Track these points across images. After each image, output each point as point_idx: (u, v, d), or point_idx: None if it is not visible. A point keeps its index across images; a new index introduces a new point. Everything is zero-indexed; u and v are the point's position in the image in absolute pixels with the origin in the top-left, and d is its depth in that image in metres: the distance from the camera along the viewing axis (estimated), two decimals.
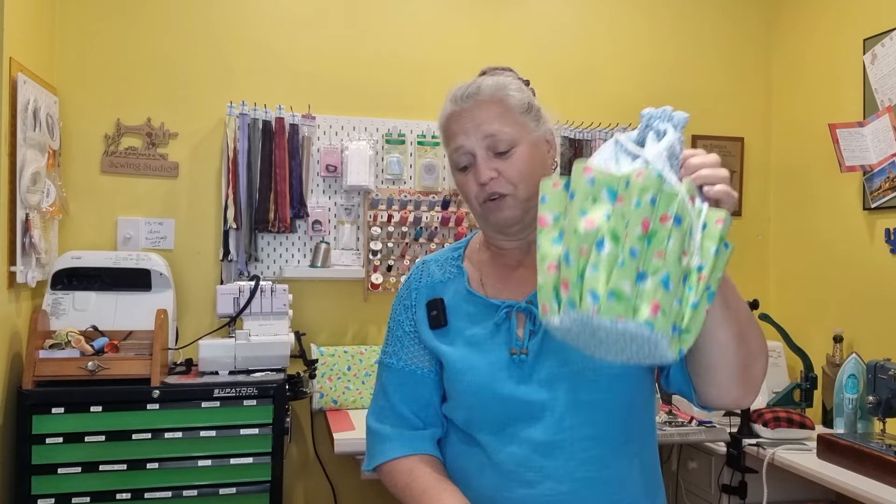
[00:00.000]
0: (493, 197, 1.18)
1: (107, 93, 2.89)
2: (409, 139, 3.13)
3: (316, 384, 2.86)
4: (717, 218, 0.87)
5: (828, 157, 3.01)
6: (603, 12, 3.38)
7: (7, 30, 2.35)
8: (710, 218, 0.87)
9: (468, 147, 1.19)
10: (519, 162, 1.18)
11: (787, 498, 2.63)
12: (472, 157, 1.19)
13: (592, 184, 0.88)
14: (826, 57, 3.17)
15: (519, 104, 1.20)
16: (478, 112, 1.19)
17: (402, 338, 1.30)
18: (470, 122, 1.19)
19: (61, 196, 2.66)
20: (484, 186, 1.18)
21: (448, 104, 1.23)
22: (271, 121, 2.93)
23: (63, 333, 2.42)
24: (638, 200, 0.85)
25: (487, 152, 1.18)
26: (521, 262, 1.25)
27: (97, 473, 2.33)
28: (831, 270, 3.10)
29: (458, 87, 1.23)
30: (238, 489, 2.41)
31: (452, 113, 1.22)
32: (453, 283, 1.28)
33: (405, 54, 3.16)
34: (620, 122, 3.24)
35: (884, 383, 2.33)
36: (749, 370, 1.08)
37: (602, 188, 0.88)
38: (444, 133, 1.24)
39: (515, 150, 1.18)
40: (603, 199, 0.87)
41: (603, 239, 0.85)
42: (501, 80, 1.22)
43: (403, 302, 1.32)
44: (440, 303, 1.25)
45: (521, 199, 1.18)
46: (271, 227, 2.90)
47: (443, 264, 1.32)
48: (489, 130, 1.17)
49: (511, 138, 1.18)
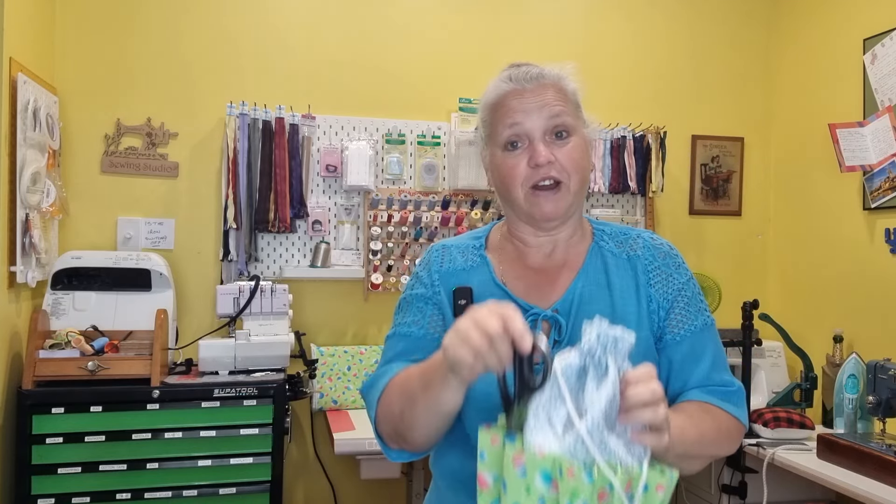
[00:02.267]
0: (544, 183, 1.12)
1: (107, 93, 2.89)
2: (409, 139, 3.13)
3: (316, 384, 2.86)
4: (658, 484, 0.85)
5: (828, 157, 3.01)
6: (603, 13, 3.37)
7: (7, 30, 2.35)
8: (651, 481, 0.85)
9: (527, 126, 1.12)
10: (574, 151, 1.13)
11: (787, 498, 2.63)
12: (526, 139, 1.13)
13: (524, 474, 0.84)
14: (826, 57, 3.17)
15: (574, 95, 1.17)
16: (543, 93, 1.13)
17: (423, 308, 1.18)
18: (534, 101, 1.12)
19: (61, 196, 2.66)
20: (538, 169, 1.11)
21: (505, 82, 1.15)
22: (271, 121, 2.93)
23: (63, 333, 2.42)
24: (569, 502, 0.83)
25: (545, 136, 1.12)
26: (543, 264, 1.19)
27: (97, 473, 2.33)
28: (831, 270, 3.10)
29: (516, 68, 1.16)
30: (238, 489, 2.41)
31: (512, 90, 1.14)
32: (478, 273, 1.19)
33: (405, 54, 3.16)
34: (620, 122, 3.24)
35: (884, 383, 2.33)
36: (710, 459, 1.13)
37: (535, 473, 0.84)
38: (496, 111, 1.15)
39: (571, 139, 1.13)
40: (536, 486, 0.84)
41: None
42: (562, 71, 1.17)
43: (423, 281, 1.21)
44: (469, 292, 1.15)
45: (573, 191, 1.13)
46: (271, 227, 2.90)
47: (464, 251, 1.22)
48: (554, 111, 1.12)
49: (570, 126, 1.14)
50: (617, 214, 3.28)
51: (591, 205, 3.29)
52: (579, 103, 1.18)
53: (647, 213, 3.28)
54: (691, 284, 1.19)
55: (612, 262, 1.18)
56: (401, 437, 1.09)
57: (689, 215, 3.44)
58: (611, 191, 3.22)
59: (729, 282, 3.28)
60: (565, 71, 1.18)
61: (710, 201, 3.46)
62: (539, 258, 1.20)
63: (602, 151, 3.21)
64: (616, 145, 3.22)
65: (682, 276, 1.18)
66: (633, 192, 3.24)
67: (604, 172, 3.21)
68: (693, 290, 1.18)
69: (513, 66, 1.18)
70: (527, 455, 0.84)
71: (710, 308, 1.22)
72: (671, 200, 3.39)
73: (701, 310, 1.17)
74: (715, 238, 3.46)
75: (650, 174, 3.23)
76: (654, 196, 3.28)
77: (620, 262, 1.18)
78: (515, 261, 1.21)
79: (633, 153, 3.23)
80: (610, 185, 3.21)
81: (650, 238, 1.21)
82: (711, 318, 1.19)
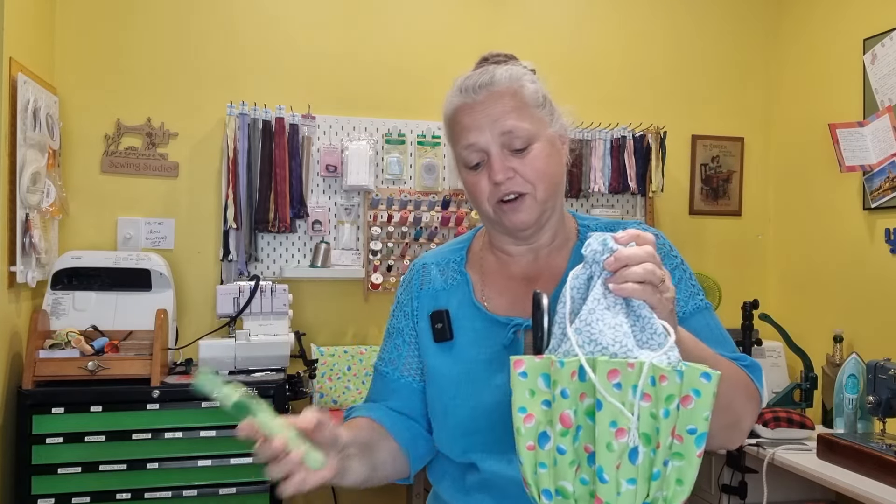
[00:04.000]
0: (508, 197, 1.08)
1: (107, 93, 2.89)
2: (409, 139, 3.13)
3: (316, 384, 2.86)
4: (661, 375, 0.80)
5: (828, 157, 3.01)
6: (603, 13, 3.38)
7: (7, 30, 2.35)
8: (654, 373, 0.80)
9: (482, 144, 1.08)
10: (536, 160, 1.08)
11: (787, 498, 2.63)
12: (484, 154, 1.08)
13: (525, 377, 0.85)
14: (826, 57, 3.17)
15: (534, 97, 1.10)
16: (492, 105, 1.08)
17: (400, 346, 1.20)
18: (484, 117, 1.08)
19: (61, 196, 2.66)
20: (499, 186, 1.07)
21: (456, 95, 1.11)
22: (271, 121, 2.93)
23: (63, 333, 2.42)
24: (563, 390, 0.82)
25: (503, 150, 1.07)
26: (525, 272, 1.17)
27: (97, 473, 2.33)
28: (831, 270, 3.10)
29: (467, 77, 1.12)
30: (238, 489, 2.41)
31: (462, 105, 1.10)
32: (457, 293, 1.17)
33: (405, 54, 3.16)
34: (620, 122, 3.24)
35: (884, 383, 2.33)
36: (735, 428, 1.03)
37: (537, 377, 0.85)
38: (452, 128, 1.12)
39: (532, 148, 1.08)
40: (540, 387, 0.85)
41: (545, 432, 0.84)
42: (515, 71, 1.12)
43: (404, 308, 1.22)
44: (445, 315, 1.14)
45: (540, 199, 1.09)
46: (271, 227, 2.90)
47: (444, 268, 1.21)
48: (506, 126, 1.07)
49: (528, 134, 1.08)
50: (617, 214, 3.28)
51: (592, 205, 3.30)
52: (541, 101, 1.12)
53: (647, 213, 3.28)
54: (682, 269, 1.15)
55: None
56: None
57: (689, 215, 3.44)
58: (611, 191, 3.22)
59: (729, 282, 3.28)
60: (519, 69, 1.13)
61: (710, 201, 3.46)
62: (521, 267, 1.17)
63: (602, 151, 3.21)
64: (616, 145, 3.22)
65: (670, 262, 1.13)
66: (633, 192, 3.24)
67: (604, 172, 3.21)
68: (683, 274, 1.14)
69: (477, 64, 1.16)
70: (526, 362, 0.85)
71: None
72: (671, 200, 3.39)
73: (693, 294, 1.13)
74: (715, 238, 3.46)
75: (650, 174, 3.23)
76: (654, 196, 3.28)
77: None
78: (498, 272, 1.18)
79: (633, 153, 3.23)
80: (610, 185, 3.21)
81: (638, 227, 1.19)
82: (707, 302, 1.15)
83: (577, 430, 0.82)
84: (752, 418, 1.07)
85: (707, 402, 0.80)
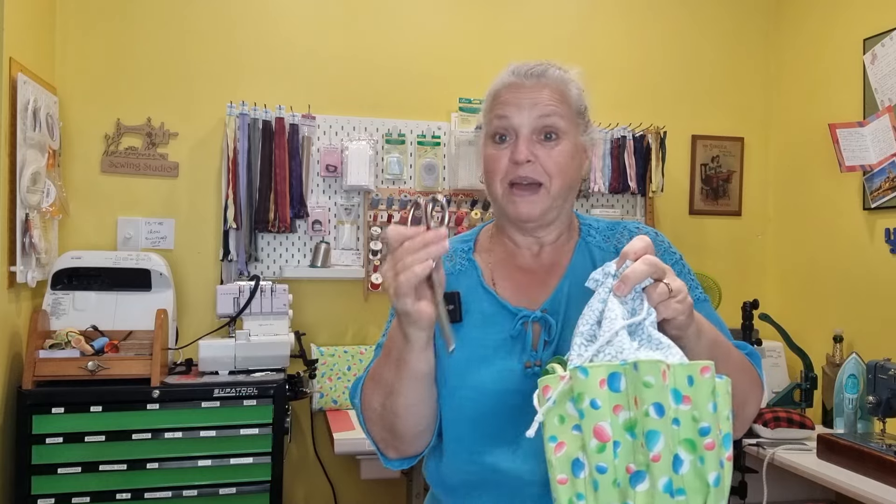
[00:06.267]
0: (522, 181, 1.12)
1: (107, 93, 2.89)
2: (409, 139, 3.13)
3: (316, 384, 2.86)
4: (703, 367, 0.78)
5: (828, 157, 3.01)
6: (602, 13, 3.38)
7: (7, 30, 2.35)
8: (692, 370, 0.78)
9: (515, 121, 1.12)
10: (560, 154, 1.12)
11: (787, 498, 2.63)
12: (514, 133, 1.13)
13: (554, 403, 0.82)
14: (826, 57, 3.17)
15: (577, 103, 1.17)
16: (538, 92, 1.13)
17: None
18: (526, 99, 1.13)
19: (61, 196, 2.66)
20: (517, 167, 1.11)
21: (507, 75, 1.17)
22: (271, 121, 2.93)
23: (63, 333, 2.42)
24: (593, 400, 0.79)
25: (533, 134, 1.12)
26: (531, 264, 1.19)
27: (97, 473, 2.33)
28: (831, 270, 3.10)
29: (523, 63, 1.17)
30: (238, 489, 2.41)
31: (511, 83, 1.15)
32: (465, 277, 1.19)
33: (405, 54, 3.16)
34: (620, 122, 3.24)
35: (884, 383, 2.33)
36: (739, 416, 1.03)
37: (566, 402, 0.82)
38: (493, 100, 1.17)
39: (560, 142, 1.13)
40: (569, 412, 0.82)
41: (577, 458, 0.81)
42: (567, 76, 1.18)
43: None
44: (457, 296, 1.14)
45: (553, 194, 1.12)
46: (271, 227, 2.90)
47: (452, 255, 1.22)
48: (544, 112, 1.12)
49: (561, 130, 1.13)
50: (617, 214, 3.28)
51: (592, 205, 3.29)
52: (581, 110, 1.17)
53: (647, 213, 3.28)
54: (680, 265, 1.17)
55: (600, 257, 1.16)
56: (391, 432, 1.09)
57: (689, 215, 3.44)
58: (611, 191, 3.22)
59: (729, 282, 3.28)
60: (570, 75, 1.18)
61: (710, 201, 3.46)
62: (527, 258, 1.19)
63: (602, 151, 3.21)
64: (616, 145, 3.22)
65: (669, 259, 1.15)
66: (633, 192, 3.24)
67: (604, 172, 3.21)
68: (681, 269, 1.16)
69: (521, 61, 1.19)
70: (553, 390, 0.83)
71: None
72: (671, 200, 3.39)
73: (692, 287, 1.14)
74: (715, 238, 3.46)
75: (650, 174, 3.23)
76: (654, 196, 3.28)
77: (608, 256, 1.16)
78: (505, 261, 1.20)
79: (633, 153, 3.23)
80: (610, 185, 3.21)
81: (636, 228, 1.21)
82: (706, 296, 1.17)
83: (615, 446, 0.79)
84: (757, 405, 1.09)
85: (727, 401, 0.80)
